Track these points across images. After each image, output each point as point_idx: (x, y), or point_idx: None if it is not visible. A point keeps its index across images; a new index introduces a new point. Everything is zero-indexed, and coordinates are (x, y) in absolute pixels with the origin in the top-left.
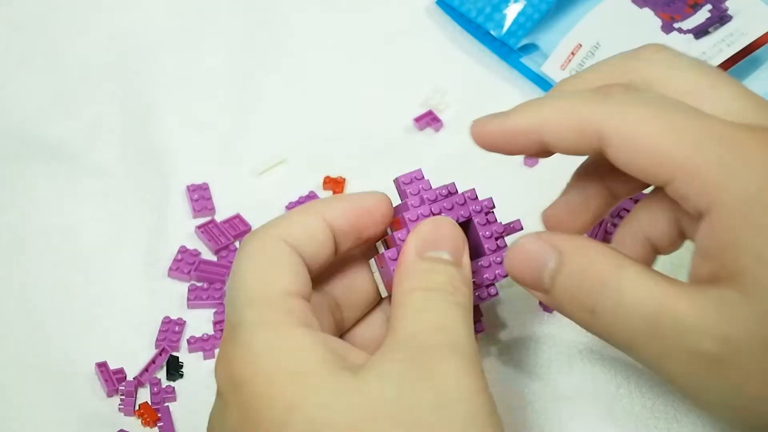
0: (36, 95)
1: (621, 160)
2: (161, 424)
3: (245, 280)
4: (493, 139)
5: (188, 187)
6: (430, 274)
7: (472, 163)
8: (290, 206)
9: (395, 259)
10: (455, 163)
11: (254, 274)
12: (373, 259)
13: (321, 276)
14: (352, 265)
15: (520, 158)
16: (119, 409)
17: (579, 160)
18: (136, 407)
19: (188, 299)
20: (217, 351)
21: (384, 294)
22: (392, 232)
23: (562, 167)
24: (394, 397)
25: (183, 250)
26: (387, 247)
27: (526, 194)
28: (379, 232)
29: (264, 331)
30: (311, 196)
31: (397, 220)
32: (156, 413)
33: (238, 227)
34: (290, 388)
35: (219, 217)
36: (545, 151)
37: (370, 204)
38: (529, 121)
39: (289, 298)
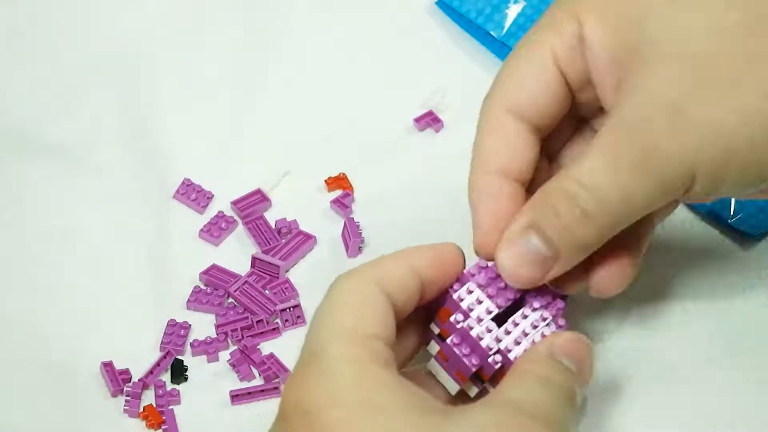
0: (37, 96)
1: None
2: (165, 426)
3: (338, 314)
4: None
5: (185, 186)
6: (556, 369)
7: (465, 162)
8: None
9: (459, 345)
10: (455, 163)
11: (348, 310)
12: (433, 360)
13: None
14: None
15: None
16: (124, 410)
17: None
18: (141, 409)
19: (188, 300)
20: (220, 354)
21: (454, 391)
22: (442, 323)
23: None
24: None
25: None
26: (443, 341)
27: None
28: (446, 284)
29: (350, 365)
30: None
31: (442, 310)
32: (161, 416)
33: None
34: (370, 420)
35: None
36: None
37: (450, 253)
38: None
39: (377, 340)
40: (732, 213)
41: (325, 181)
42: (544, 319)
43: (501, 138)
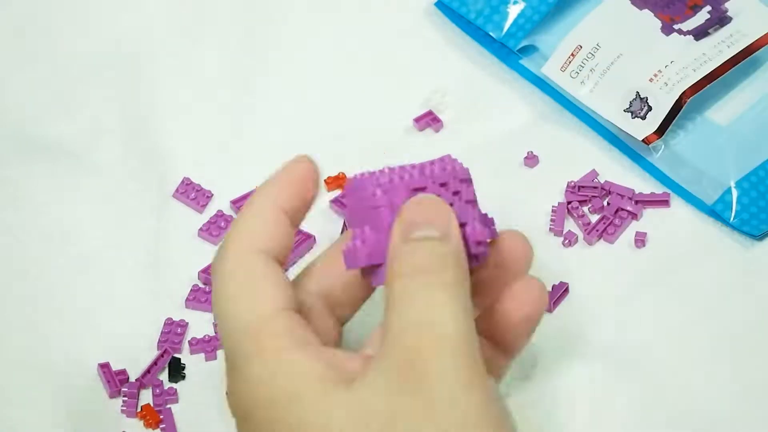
0: (36, 96)
1: None
2: (163, 425)
3: (230, 307)
4: None
5: (185, 185)
6: (412, 256)
7: (472, 163)
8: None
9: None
10: None
11: (237, 298)
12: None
13: (313, 278)
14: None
15: (521, 158)
16: (121, 410)
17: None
18: (139, 409)
19: (187, 299)
20: (219, 353)
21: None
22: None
23: (563, 168)
24: (383, 410)
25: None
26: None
27: (526, 194)
28: (316, 192)
29: (258, 361)
30: None
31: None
32: (158, 415)
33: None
34: (288, 413)
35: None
36: None
37: (303, 169)
38: None
39: (278, 317)
40: (733, 213)
41: (325, 180)
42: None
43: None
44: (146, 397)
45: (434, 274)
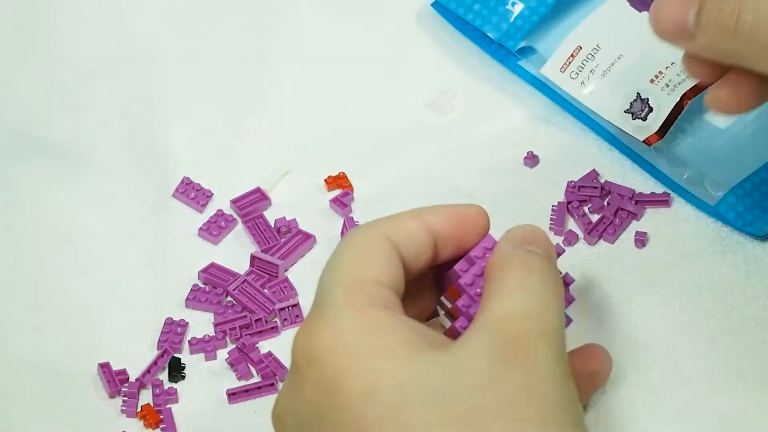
0: (37, 96)
1: None
2: (163, 425)
3: (341, 265)
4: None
5: (185, 185)
6: (527, 258)
7: (472, 163)
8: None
9: (466, 328)
10: (455, 162)
11: (351, 260)
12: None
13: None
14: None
15: (521, 158)
16: (121, 410)
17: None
18: (139, 408)
19: (187, 299)
20: (218, 352)
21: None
22: (452, 302)
23: (563, 168)
24: (485, 372)
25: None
26: (453, 319)
27: (526, 194)
28: (476, 243)
29: (350, 310)
30: None
31: (451, 289)
32: (158, 415)
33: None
34: (375, 361)
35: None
36: None
37: (471, 213)
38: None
39: (379, 286)
40: (736, 214)
41: (325, 180)
42: None
43: None
44: (146, 397)
45: (541, 278)
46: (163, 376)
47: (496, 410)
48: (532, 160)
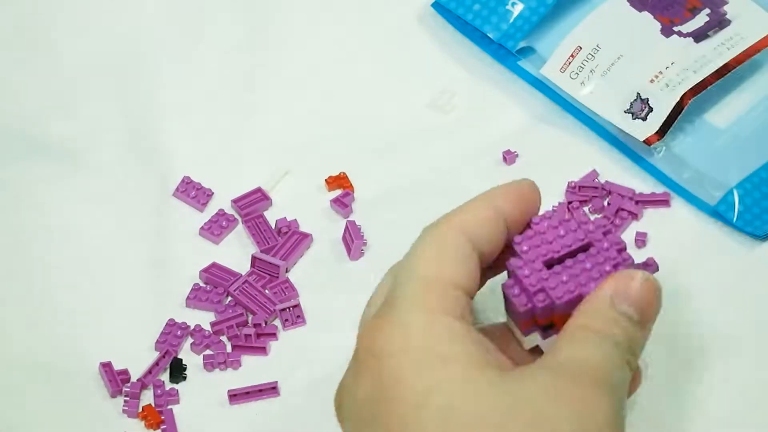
0: (37, 96)
1: None
2: (164, 426)
3: (419, 262)
4: None
5: (185, 184)
6: (613, 323)
7: (472, 163)
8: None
9: (513, 286)
10: (456, 162)
11: (429, 258)
12: (506, 312)
13: None
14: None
15: (499, 155)
16: (123, 410)
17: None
18: (140, 409)
19: (188, 298)
20: (218, 353)
21: (526, 345)
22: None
23: (563, 168)
24: (539, 408)
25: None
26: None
27: None
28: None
29: (422, 312)
30: None
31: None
32: (159, 415)
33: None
34: (434, 371)
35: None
36: None
37: (528, 188)
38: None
39: (455, 290)
40: (736, 214)
41: (326, 180)
42: (601, 271)
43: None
44: (147, 397)
45: (622, 349)
46: (164, 376)
47: None
48: (510, 156)
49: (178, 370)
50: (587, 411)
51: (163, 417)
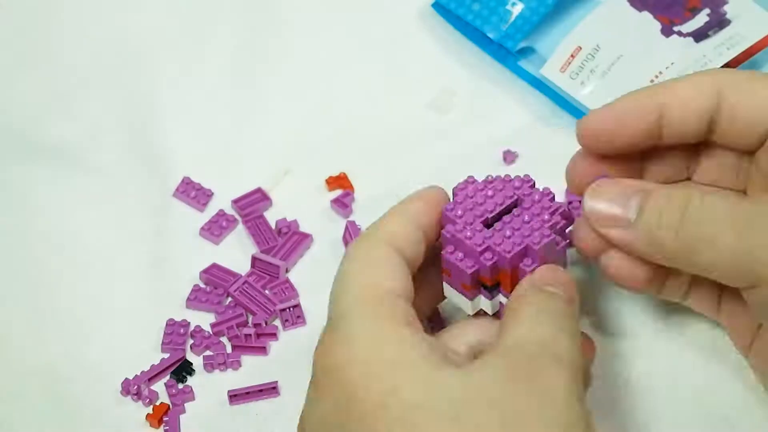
0: (37, 97)
1: (737, 114)
2: (167, 428)
3: (353, 279)
4: (603, 126)
5: (185, 184)
6: (545, 299)
7: (472, 162)
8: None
9: (454, 251)
10: (456, 162)
11: (362, 274)
12: (445, 285)
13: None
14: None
15: (499, 155)
16: (127, 411)
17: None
18: (147, 407)
19: (188, 299)
20: (218, 354)
21: (469, 309)
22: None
23: (562, 167)
24: (497, 391)
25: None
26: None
27: None
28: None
29: (368, 324)
30: None
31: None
32: (162, 415)
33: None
34: (389, 375)
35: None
36: (653, 137)
37: (438, 195)
38: (644, 98)
39: (396, 298)
40: None
41: (326, 180)
42: (540, 220)
43: None
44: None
45: (554, 313)
46: (166, 378)
47: (505, 429)
48: (511, 156)
49: (184, 371)
50: (546, 385)
51: (166, 417)
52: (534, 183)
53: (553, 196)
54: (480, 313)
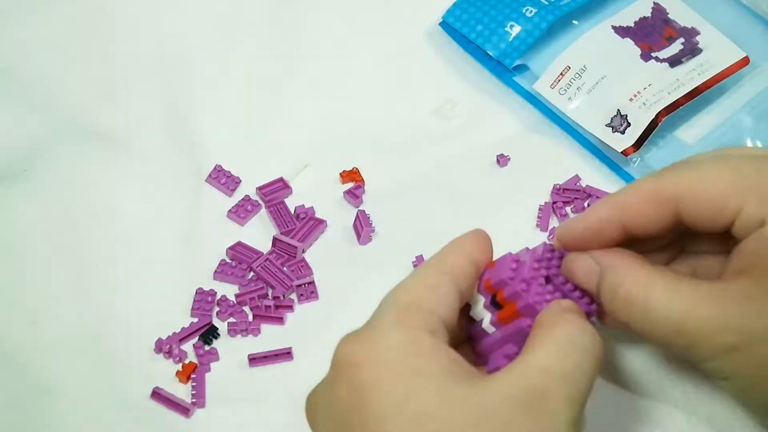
0: (90, 89)
1: (692, 213)
2: (194, 384)
3: (403, 293)
4: (579, 236)
5: (217, 171)
6: (576, 322)
7: (472, 165)
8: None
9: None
10: (457, 162)
11: (412, 291)
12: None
13: None
14: None
15: (513, 162)
16: (159, 367)
17: (563, 171)
18: (177, 364)
19: (215, 272)
20: (240, 321)
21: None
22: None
23: (549, 172)
24: (504, 416)
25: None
26: (496, 306)
27: (517, 193)
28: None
29: (397, 329)
30: None
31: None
32: (191, 371)
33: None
34: (409, 382)
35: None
36: (629, 236)
37: (488, 238)
38: (609, 208)
39: (431, 315)
40: None
41: (340, 173)
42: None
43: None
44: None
45: (583, 342)
46: (194, 340)
47: None
48: (522, 164)
49: (211, 334)
50: (548, 423)
51: (193, 375)
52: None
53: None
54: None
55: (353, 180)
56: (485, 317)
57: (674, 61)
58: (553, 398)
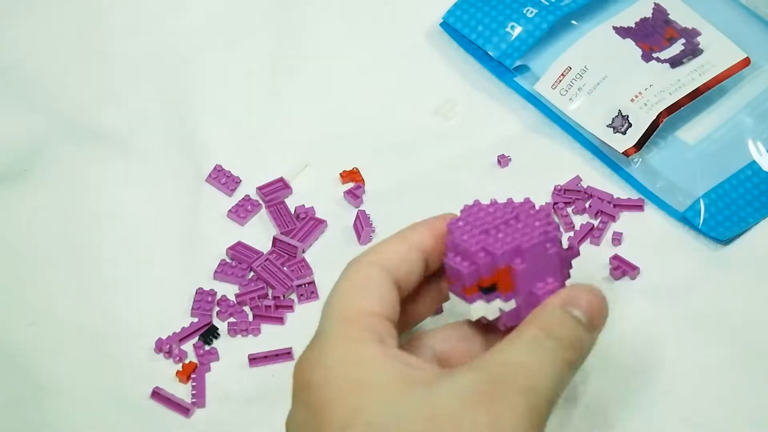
0: (91, 88)
1: None
2: (194, 384)
3: (338, 299)
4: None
5: (217, 171)
6: (557, 321)
7: (472, 165)
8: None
9: (455, 255)
10: (456, 162)
11: (346, 293)
12: (450, 293)
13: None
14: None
15: (514, 163)
16: (159, 367)
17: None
18: (177, 364)
19: (215, 272)
20: (240, 322)
21: (473, 316)
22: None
23: (550, 173)
24: (455, 412)
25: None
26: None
27: (518, 194)
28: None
29: (341, 344)
30: None
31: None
32: (191, 371)
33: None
34: (354, 396)
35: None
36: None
37: (443, 222)
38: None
39: (372, 317)
40: (702, 220)
41: (340, 173)
42: (532, 227)
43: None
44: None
45: (562, 349)
46: (193, 341)
47: None
48: (523, 164)
49: (212, 334)
50: (503, 415)
51: (193, 375)
52: (534, 205)
53: (550, 214)
54: (481, 321)
55: (353, 180)
56: (487, 312)
57: (675, 62)
58: (509, 391)
